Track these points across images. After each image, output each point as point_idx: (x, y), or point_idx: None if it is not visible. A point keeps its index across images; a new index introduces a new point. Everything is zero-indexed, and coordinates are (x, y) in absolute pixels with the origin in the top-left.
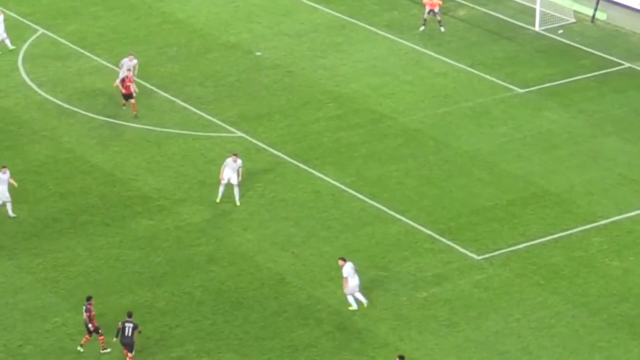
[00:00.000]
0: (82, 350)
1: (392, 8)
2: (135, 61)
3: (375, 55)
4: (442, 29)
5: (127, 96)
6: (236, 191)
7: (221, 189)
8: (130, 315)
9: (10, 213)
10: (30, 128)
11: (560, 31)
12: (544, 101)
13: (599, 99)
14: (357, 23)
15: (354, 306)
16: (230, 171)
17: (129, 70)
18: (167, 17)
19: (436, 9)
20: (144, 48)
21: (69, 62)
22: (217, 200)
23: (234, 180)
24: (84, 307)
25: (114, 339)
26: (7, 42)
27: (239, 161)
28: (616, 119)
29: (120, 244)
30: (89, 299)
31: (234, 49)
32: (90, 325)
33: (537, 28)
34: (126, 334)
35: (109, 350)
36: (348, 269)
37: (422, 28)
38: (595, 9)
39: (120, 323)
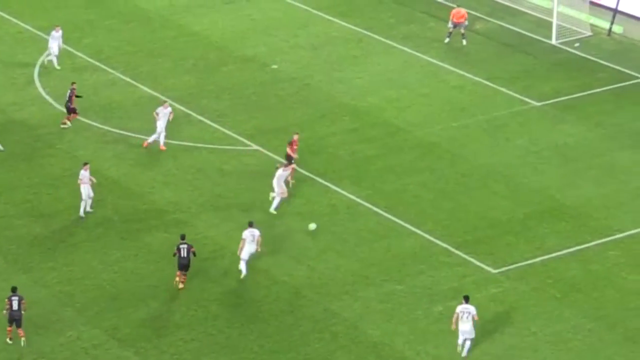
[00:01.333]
0: (10, 342)
1: (409, 21)
2: (169, 109)
3: (391, 69)
4: (464, 42)
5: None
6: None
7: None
8: (183, 237)
9: (88, 209)
10: (46, 141)
11: (577, 44)
12: (560, 114)
13: (615, 112)
14: (374, 36)
15: (244, 272)
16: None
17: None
18: (182, 30)
19: (465, 22)
20: (159, 61)
21: (85, 75)
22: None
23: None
24: (18, 298)
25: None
26: (55, 59)
27: (288, 169)
28: (633, 132)
29: (135, 257)
30: (15, 289)
31: (250, 62)
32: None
33: (553, 41)
34: (182, 255)
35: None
36: (247, 233)
37: (447, 40)
38: (612, 23)
39: (176, 247)
